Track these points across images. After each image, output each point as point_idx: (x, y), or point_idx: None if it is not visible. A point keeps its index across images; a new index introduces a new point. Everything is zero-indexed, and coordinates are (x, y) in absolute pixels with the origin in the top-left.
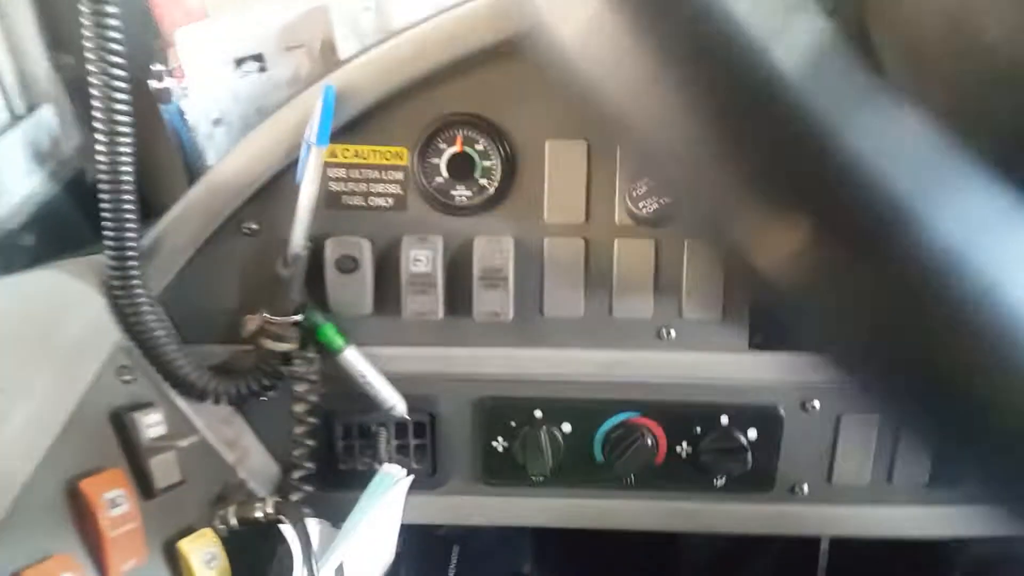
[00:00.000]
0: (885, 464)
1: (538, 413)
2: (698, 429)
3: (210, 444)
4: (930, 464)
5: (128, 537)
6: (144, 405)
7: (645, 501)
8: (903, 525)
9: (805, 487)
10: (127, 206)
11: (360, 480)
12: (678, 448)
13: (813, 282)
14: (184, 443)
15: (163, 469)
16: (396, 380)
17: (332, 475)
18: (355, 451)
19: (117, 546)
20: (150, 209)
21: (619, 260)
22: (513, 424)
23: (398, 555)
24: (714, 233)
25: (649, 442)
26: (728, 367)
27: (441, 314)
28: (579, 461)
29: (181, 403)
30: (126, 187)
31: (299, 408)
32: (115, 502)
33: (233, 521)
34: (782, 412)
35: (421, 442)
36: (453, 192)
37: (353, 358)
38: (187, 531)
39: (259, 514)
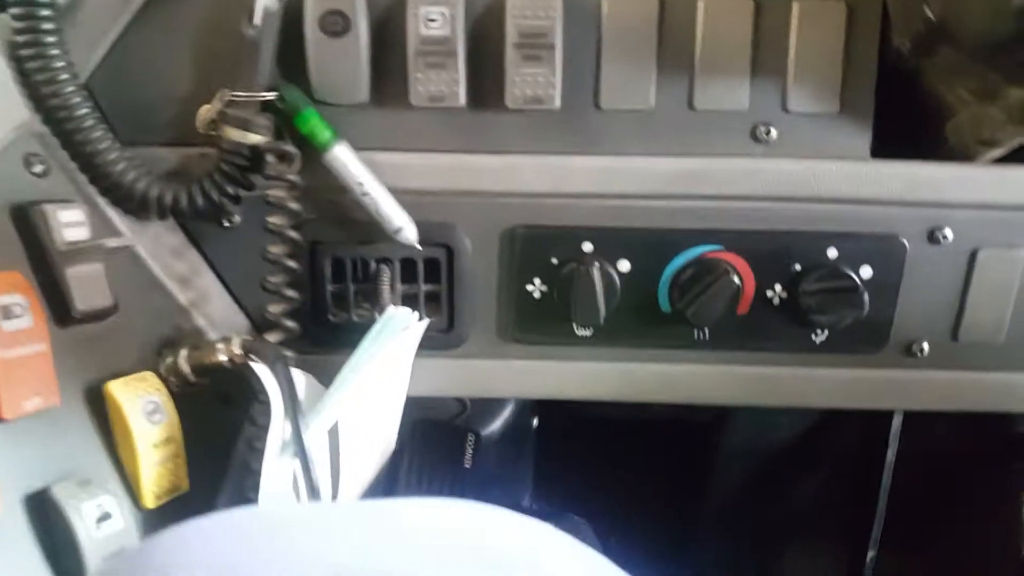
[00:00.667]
0: None
1: (588, 246)
2: (797, 266)
3: (155, 275)
4: None
5: (32, 364)
6: (60, 201)
7: (721, 365)
8: None
9: (925, 346)
10: None
11: (356, 336)
12: (769, 292)
13: None
14: (112, 243)
15: (86, 285)
16: (400, 200)
17: (319, 329)
18: (348, 297)
19: (13, 373)
20: None
21: (705, 25)
22: (555, 261)
23: (399, 447)
24: None
25: (733, 283)
26: (842, 180)
27: (463, 99)
28: (640, 310)
29: (113, 215)
30: None
31: (275, 220)
32: (9, 311)
33: (185, 368)
34: (905, 243)
35: (434, 288)
36: None
37: (346, 158)
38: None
39: (222, 356)
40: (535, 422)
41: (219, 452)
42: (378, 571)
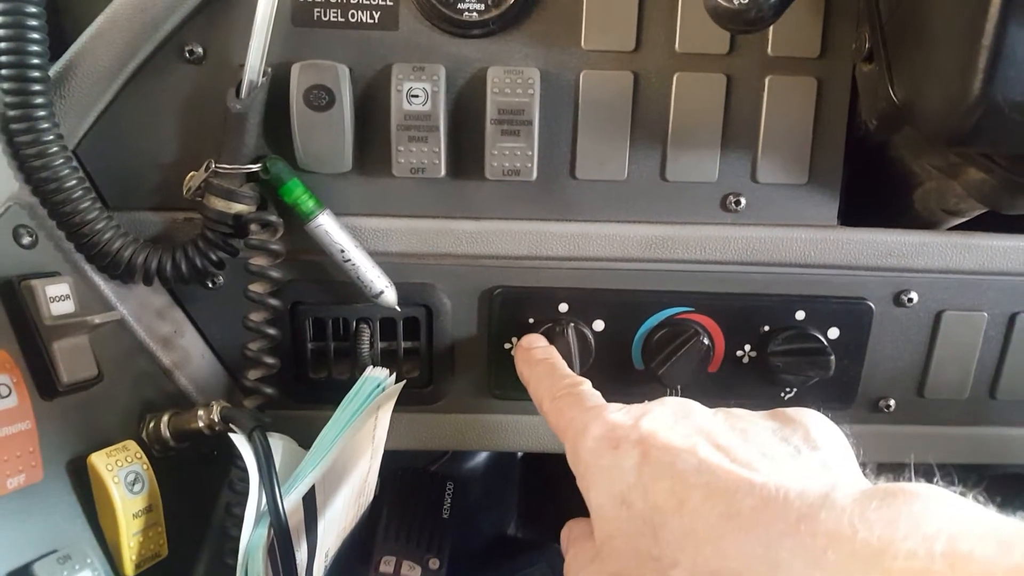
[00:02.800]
0: (989, 376)
1: (564, 307)
2: (766, 327)
3: (139, 339)
4: None
5: (15, 443)
6: (48, 274)
7: None
8: (1004, 449)
9: (892, 402)
10: (30, 21)
11: (336, 393)
12: (739, 351)
13: None
14: (99, 319)
15: (71, 358)
16: (382, 263)
17: (300, 387)
18: (329, 355)
19: None
20: (64, 31)
21: (678, 102)
22: (531, 321)
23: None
24: None
25: (703, 344)
26: (810, 247)
27: (443, 171)
28: (614, 368)
29: (100, 281)
30: None
31: (257, 289)
32: None
33: (166, 434)
34: (872, 306)
35: (413, 344)
36: (460, 5)
37: (329, 226)
38: (104, 446)
39: (201, 423)
40: (520, 453)
41: (199, 511)
42: None
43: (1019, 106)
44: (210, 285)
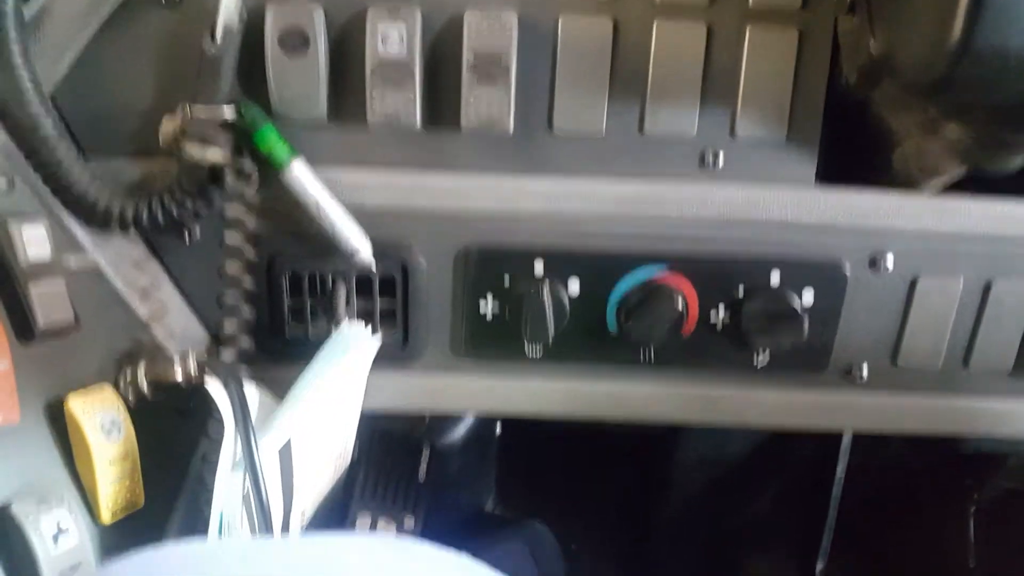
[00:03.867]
0: (963, 344)
1: (539, 267)
2: (740, 289)
3: (116, 289)
4: (1017, 347)
5: None
6: (23, 215)
7: (666, 385)
8: (976, 420)
9: (864, 369)
10: None
11: (312, 350)
12: (712, 314)
13: None
14: (75, 264)
15: (48, 302)
16: (357, 219)
17: (277, 343)
18: (305, 311)
19: None
20: None
21: (657, 52)
22: (507, 281)
23: (355, 459)
24: None
25: (676, 305)
26: (786, 206)
27: (419, 119)
28: (587, 331)
29: (76, 229)
30: None
31: (232, 239)
32: None
33: (143, 383)
34: (847, 270)
35: (389, 305)
36: None
37: (304, 176)
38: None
39: (179, 374)
40: (498, 430)
41: (176, 465)
42: None
43: (999, 52)
44: (187, 238)
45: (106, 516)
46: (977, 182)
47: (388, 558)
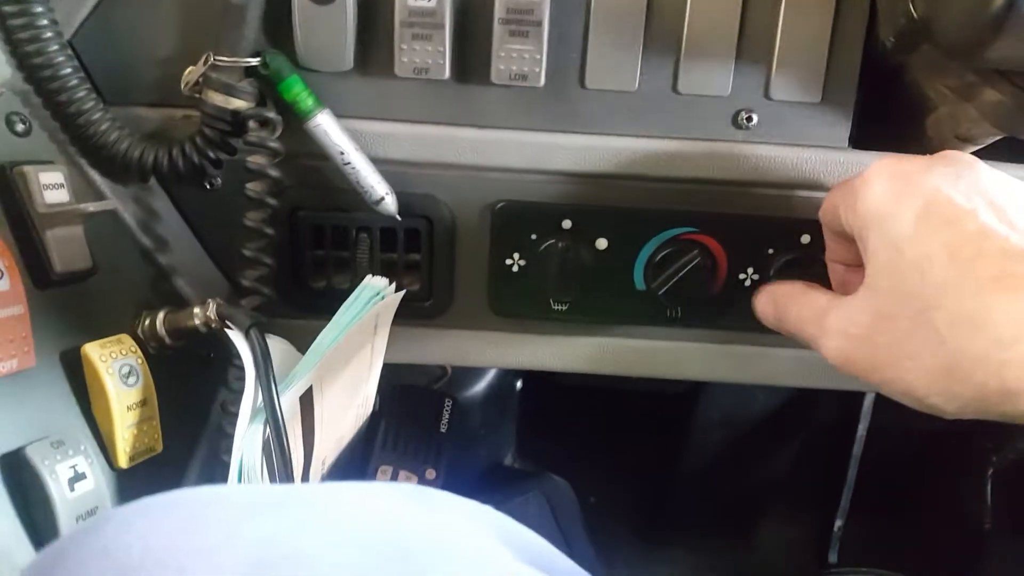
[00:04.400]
0: None
1: (567, 223)
2: (770, 250)
3: (135, 237)
4: None
5: (8, 327)
6: (42, 162)
7: (692, 342)
8: None
9: None
10: None
11: (334, 303)
12: (742, 274)
13: None
14: (93, 207)
15: (65, 247)
16: (383, 170)
17: (299, 295)
18: (329, 264)
19: None
20: None
21: (693, 9)
22: (534, 237)
23: (377, 411)
24: None
25: (706, 264)
26: (819, 169)
27: (447, 72)
28: (615, 288)
29: (96, 176)
30: None
31: (254, 187)
32: None
33: (162, 331)
34: None
35: (414, 258)
36: None
37: (329, 126)
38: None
39: (197, 321)
40: (519, 385)
41: (196, 412)
42: (294, 553)
43: None
44: (208, 187)
45: (123, 460)
46: (1009, 149)
47: (407, 504)
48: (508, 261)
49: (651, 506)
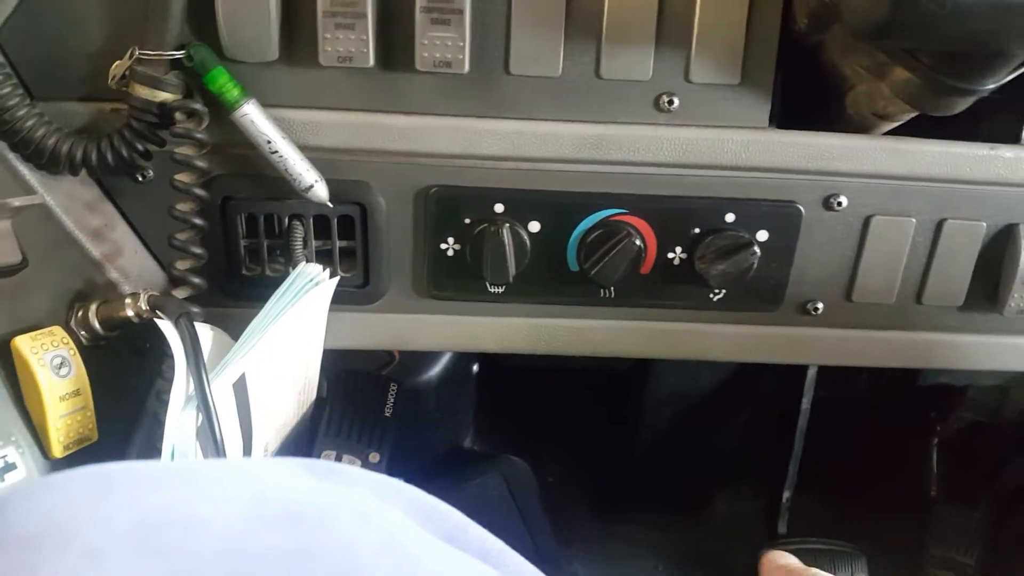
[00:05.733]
0: (915, 281)
1: (499, 207)
2: (696, 229)
3: (68, 230)
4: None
5: None
6: None
7: (626, 320)
8: (929, 353)
9: (820, 305)
10: None
11: (269, 291)
12: (670, 253)
13: None
14: (18, 202)
15: None
16: (312, 158)
17: (233, 284)
18: (262, 253)
19: None
20: None
21: None
22: (467, 221)
23: (322, 396)
24: None
25: (635, 245)
26: (741, 149)
27: (372, 60)
28: (548, 269)
29: (25, 171)
30: None
31: (184, 179)
32: None
33: (95, 321)
34: (801, 209)
35: (348, 244)
36: None
37: (255, 116)
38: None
39: (129, 311)
40: (476, 369)
41: (132, 403)
42: (185, 518)
43: None
44: (140, 179)
45: (58, 450)
46: (928, 125)
47: (309, 476)
48: (443, 245)
49: (607, 484)
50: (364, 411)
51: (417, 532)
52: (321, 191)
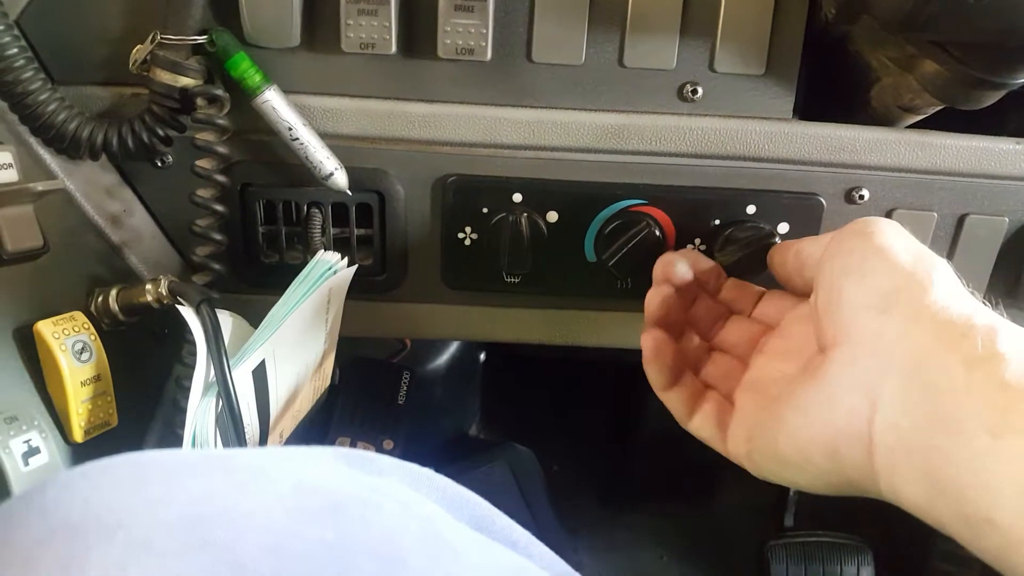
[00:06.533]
0: None
1: (518, 197)
2: (716, 221)
3: (87, 215)
4: (988, 279)
5: None
6: None
7: (642, 312)
8: None
9: None
10: None
11: (287, 278)
12: (689, 244)
13: None
14: (41, 187)
15: (15, 226)
16: (332, 146)
17: (251, 271)
18: (280, 240)
19: None
20: None
21: None
22: (485, 210)
23: (335, 384)
24: None
25: (654, 236)
26: (764, 140)
27: (394, 47)
28: (566, 260)
29: (46, 155)
30: None
31: (204, 165)
32: None
33: (115, 307)
34: (823, 201)
35: (366, 232)
36: None
37: (276, 102)
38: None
39: (149, 297)
40: (483, 357)
41: (151, 388)
42: (229, 509)
43: None
44: (159, 164)
45: (78, 435)
46: (953, 119)
47: (345, 465)
48: (460, 235)
49: (613, 473)
50: (378, 399)
51: (452, 522)
52: (341, 179)
